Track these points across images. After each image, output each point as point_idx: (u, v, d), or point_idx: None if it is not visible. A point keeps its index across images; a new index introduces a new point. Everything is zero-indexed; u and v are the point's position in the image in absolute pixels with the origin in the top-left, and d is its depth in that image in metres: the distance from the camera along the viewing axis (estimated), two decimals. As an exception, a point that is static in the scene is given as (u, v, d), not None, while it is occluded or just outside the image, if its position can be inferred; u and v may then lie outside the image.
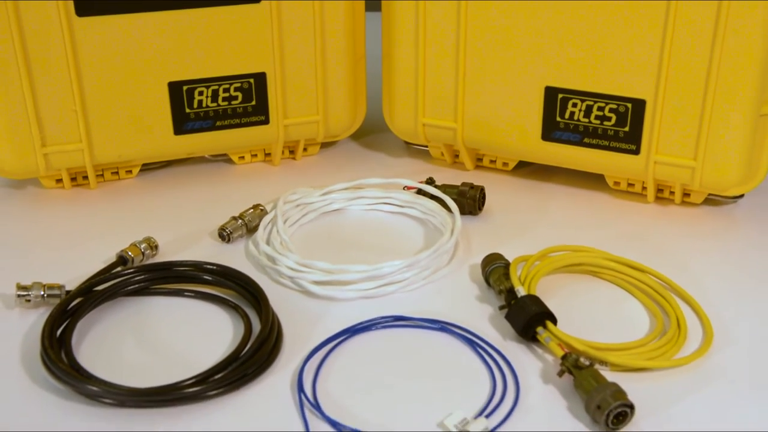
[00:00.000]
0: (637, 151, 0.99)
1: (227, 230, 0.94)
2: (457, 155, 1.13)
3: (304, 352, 0.76)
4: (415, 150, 1.18)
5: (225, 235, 0.94)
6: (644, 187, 1.03)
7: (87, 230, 0.98)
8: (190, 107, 1.06)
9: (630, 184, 1.04)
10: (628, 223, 0.99)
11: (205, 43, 1.03)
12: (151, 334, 0.79)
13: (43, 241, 0.96)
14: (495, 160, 1.12)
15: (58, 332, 0.77)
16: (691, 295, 0.83)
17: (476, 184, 1.00)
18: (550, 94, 1.01)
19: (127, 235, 0.91)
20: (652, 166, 0.98)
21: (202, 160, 1.14)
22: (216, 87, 1.06)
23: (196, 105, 1.06)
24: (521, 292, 0.79)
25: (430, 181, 1.02)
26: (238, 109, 1.08)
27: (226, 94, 1.06)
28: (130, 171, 1.10)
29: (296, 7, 1.05)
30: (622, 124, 0.99)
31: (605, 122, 0.99)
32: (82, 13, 0.97)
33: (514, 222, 0.99)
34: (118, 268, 0.86)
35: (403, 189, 1.02)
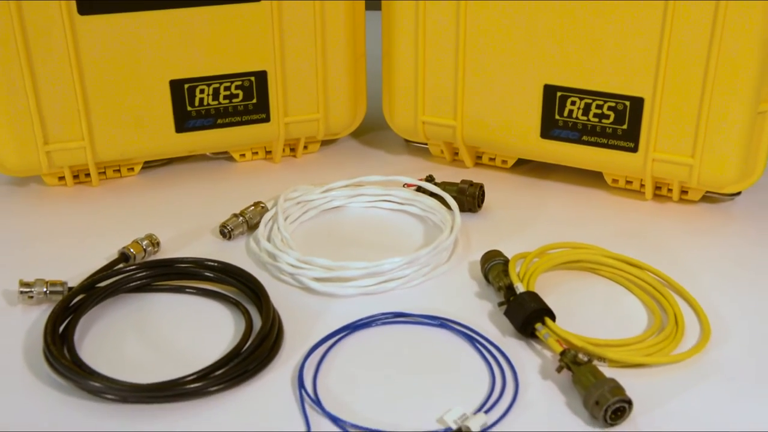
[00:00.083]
0: (635, 149, 0.99)
1: (228, 227, 0.94)
2: (457, 153, 1.13)
3: (305, 349, 0.76)
4: (415, 148, 1.18)
5: (226, 232, 0.94)
6: (642, 185, 1.03)
7: (89, 227, 0.98)
8: (192, 105, 1.06)
9: (628, 182, 1.04)
10: (626, 220, 0.99)
11: (207, 41, 1.03)
12: (152, 331, 0.79)
13: (45, 238, 0.96)
14: (494, 158, 1.12)
15: (61, 328, 0.77)
16: (689, 292, 0.84)
17: (475, 181, 1.01)
18: (549, 92, 1.01)
19: (129, 232, 0.91)
20: (650, 164, 0.99)
21: (203, 157, 1.15)
22: (217, 85, 1.06)
23: (197, 103, 1.06)
24: (520, 288, 0.80)
25: (430, 179, 1.03)
26: (239, 107, 1.08)
27: (227, 93, 1.07)
28: (132, 168, 1.10)
29: (297, 5, 1.05)
30: (621, 122, 0.99)
31: (603, 120, 1.00)
32: (84, 12, 0.97)
33: (513, 219, 0.99)
34: (120, 265, 0.86)
35: (403, 186, 1.02)
